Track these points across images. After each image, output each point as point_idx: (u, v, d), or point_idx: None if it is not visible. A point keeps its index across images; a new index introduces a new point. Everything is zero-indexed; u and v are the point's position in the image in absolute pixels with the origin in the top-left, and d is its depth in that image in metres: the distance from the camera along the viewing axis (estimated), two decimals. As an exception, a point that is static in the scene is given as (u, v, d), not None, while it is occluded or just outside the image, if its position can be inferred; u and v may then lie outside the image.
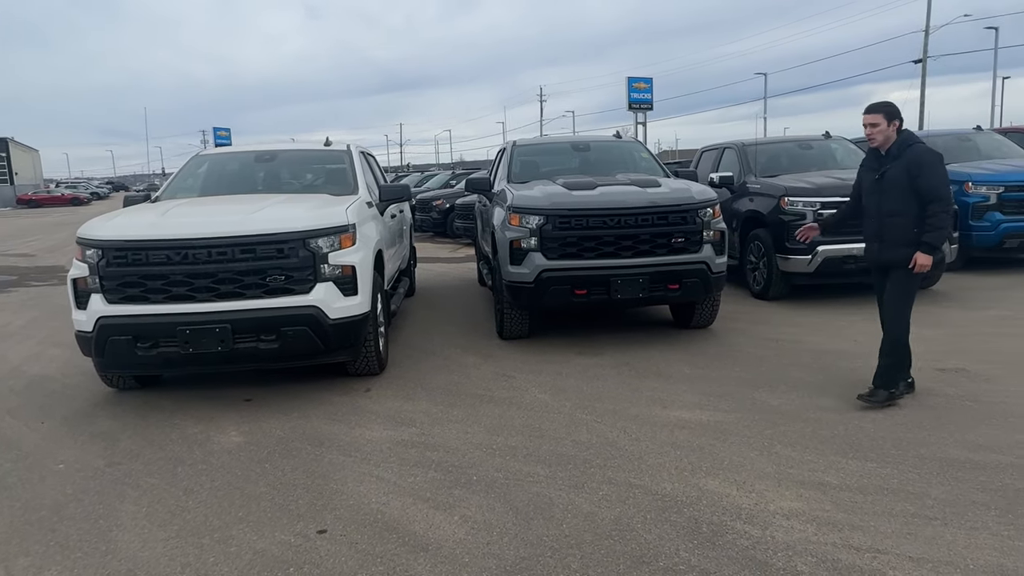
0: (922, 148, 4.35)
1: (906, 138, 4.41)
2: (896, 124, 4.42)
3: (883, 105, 4.47)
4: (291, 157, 6.65)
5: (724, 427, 4.22)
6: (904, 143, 4.39)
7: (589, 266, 5.94)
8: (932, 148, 4.41)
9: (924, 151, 4.33)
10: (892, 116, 4.41)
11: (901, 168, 4.36)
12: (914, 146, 4.35)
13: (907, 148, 4.37)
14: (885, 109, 4.43)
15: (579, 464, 3.77)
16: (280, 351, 4.83)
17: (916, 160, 4.31)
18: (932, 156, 4.34)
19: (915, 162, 4.32)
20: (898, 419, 4.24)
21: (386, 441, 4.22)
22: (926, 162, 4.31)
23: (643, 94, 42.72)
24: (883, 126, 4.41)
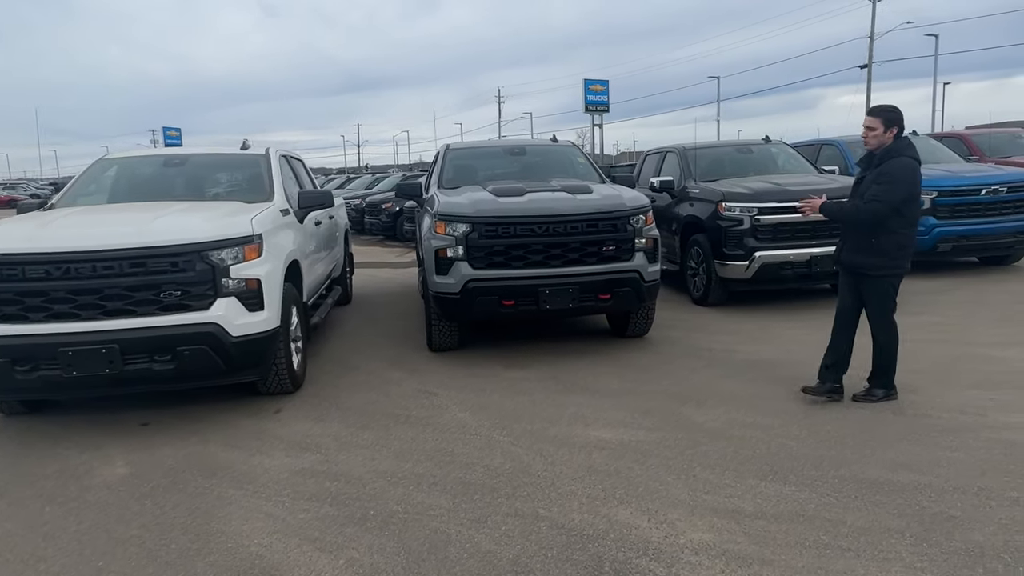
0: (902, 162, 4.28)
1: (894, 147, 4.34)
2: (894, 131, 4.35)
3: (884, 110, 4.41)
4: (203, 162, 6.27)
5: (645, 448, 4.03)
6: (890, 152, 4.33)
7: (517, 276, 5.72)
8: (912, 166, 4.31)
9: (901, 165, 4.27)
10: (891, 123, 4.35)
11: (874, 175, 4.36)
12: (897, 158, 4.29)
13: (889, 158, 4.32)
14: (885, 115, 4.36)
15: (486, 494, 3.53)
16: (177, 372, 4.48)
17: (887, 169, 4.29)
18: (903, 172, 4.28)
19: (885, 171, 4.29)
20: (821, 435, 4.11)
21: (285, 470, 3.91)
22: (889, 172, 4.28)
23: (599, 96, 42.84)
24: (879, 131, 4.35)
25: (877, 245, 4.40)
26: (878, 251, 4.40)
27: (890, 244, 4.38)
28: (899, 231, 4.40)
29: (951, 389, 4.84)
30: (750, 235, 7.47)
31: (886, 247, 4.39)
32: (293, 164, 7.12)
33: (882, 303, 4.56)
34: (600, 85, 43.11)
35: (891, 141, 4.40)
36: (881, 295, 4.54)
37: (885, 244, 4.39)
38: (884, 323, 4.61)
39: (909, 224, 4.46)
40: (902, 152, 4.34)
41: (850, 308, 4.77)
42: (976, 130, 16.59)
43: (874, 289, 4.55)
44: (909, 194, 4.36)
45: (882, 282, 4.51)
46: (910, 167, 4.32)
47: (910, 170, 4.32)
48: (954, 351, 5.77)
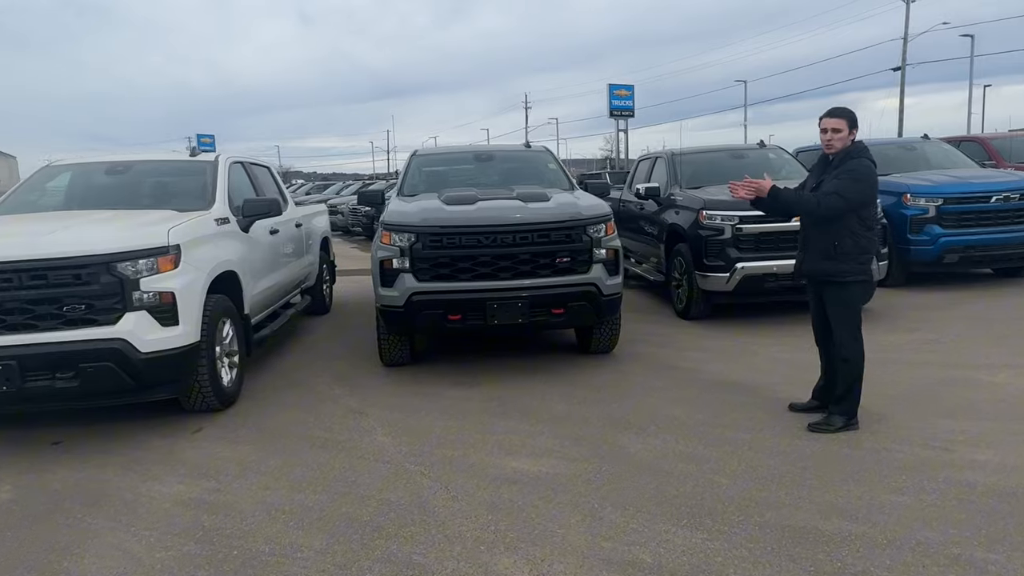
0: (862, 163, 4.07)
1: (855, 149, 4.13)
2: (855, 133, 4.16)
3: (848, 111, 4.19)
4: (147, 169, 6.09)
5: (561, 481, 3.67)
6: (850, 154, 4.12)
7: (463, 289, 5.39)
8: (873, 169, 4.11)
9: (861, 165, 4.05)
10: (854, 124, 4.16)
11: (837, 174, 4.09)
12: (857, 159, 4.08)
13: (849, 159, 4.10)
14: (850, 116, 4.16)
15: (368, 533, 3.21)
16: (82, 390, 4.27)
17: (852, 167, 4.05)
18: (868, 173, 4.07)
19: (850, 168, 4.05)
20: (760, 471, 3.70)
21: (171, 500, 3.65)
22: (855, 170, 4.04)
23: (625, 101, 42.39)
24: (844, 132, 4.13)
25: (841, 248, 4.09)
26: (842, 255, 4.10)
27: (854, 248, 4.09)
28: (860, 234, 4.11)
29: (923, 418, 4.38)
30: (731, 245, 7.04)
31: (850, 251, 4.09)
32: (253, 171, 6.91)
33: (848, 312, 4.21)
34: (625, 90, 42.67)
35: (851, 143, 4.15)
36: (847, 303, 4.20)
37: (849, 247, 4.08)
38: (849, 336, 4.20)
39: (868, 228, 4.17)
40: (862, 154, 4.11)
41: (825, 323, 4.41)
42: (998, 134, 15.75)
43: (839, 297, 4.20)
44: (870, 197, 4.13)
45: (848, 289, 4.18)
46: (872, 170, 4.11)
47: (872, 173, 4.10)
48: (939, 373, 5.28)
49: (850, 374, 4.21)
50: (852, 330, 4.21)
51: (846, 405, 4.24)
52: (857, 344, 4.22)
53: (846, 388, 4.23)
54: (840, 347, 4.24)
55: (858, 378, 4.22)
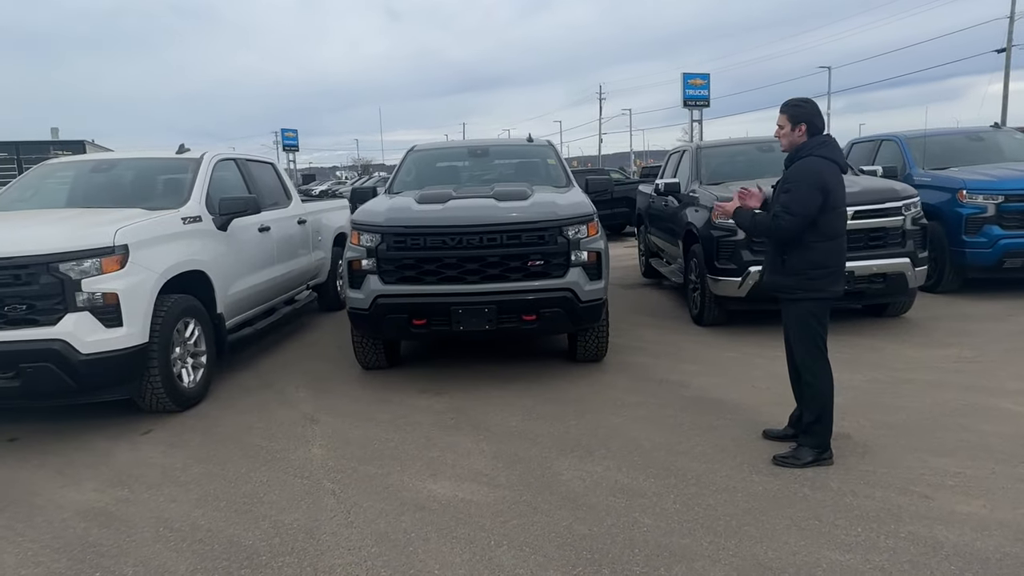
0: (806, 163, 3.63)
1: (804, 147, 3.70)
2: (803, 128, 3.70)
3: (791, 106, 3.76)
4: (131, 166, 6.11)
5: (471, 511, 3.36)
6: (799, 153, 3.71)
7: (428, 292, 5.13)
8: (816, 167, 3.61)
9: (804, 167, 3.62)
10: (797, 119, 3.71)
11: (782, 182, 3.77)
12: (804, 159, 3.66)
13: (798, 159, 3.70)
14: (791, 110, 3.74)
15: (240, 560, 3.01)
16: (23, 390, 4.28)
17: (790, 174, 3.70)
18: (805, 173, 3.61)
19: (788, 176, 3.71)
20: (694, 512, 3.25)
21: (74, 508, 3.57)
22: (795, 176, 3.66)
23: (699, 90, 40.94)
24: (787, 129, 3.74)
25: (789, 263, 3.72)
26: (790, 270, 3.72)
27: (802, 262, 3.67)
28: (814, 246, 3.64)
29: (916, 453, 3.79)
30: (744, 247, 6.45)
31: (797, 265, 3.68)
32: (248, 169, 6.86)
33: (802, 332, 3.76)
34: (700, 79, 41.20)
35: (803, 140, 3.69)
36: (799, 322, 3.77)
37: (796, 262, 3.68)
38: (808, 358, 3.76)
39: (826, 237, 3.66)
40: (811, 151, 3.65)
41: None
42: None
43: (790, 314, 3.82)
44: (821, 201, 3.57)
45: (798, 306, 3.74)
46: (813, 169, 3.59)
47: (814, 172, 3.58)
48: (958, 399, 4.60)
49: (814, 400, 3.72)
50: (810, 350, 3.74)
51: (815, 437, 3.73)
52: (818, 365, 3.74)
53: (814, 417, 3.73)
54: (801, 369, 3.80)
55: (825, 405, 3.72)
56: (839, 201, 3.67)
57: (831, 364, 3.81)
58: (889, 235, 6.38)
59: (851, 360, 5.61)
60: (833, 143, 3.74)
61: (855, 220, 6.25)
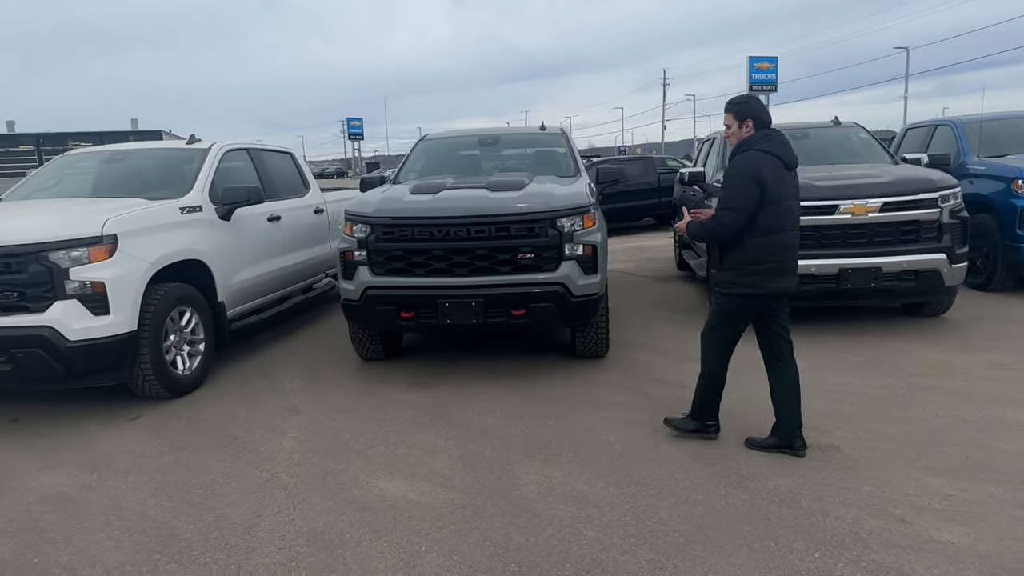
0: (741, 158, 3.60)
1: (743, 143, 3.66)
2: (749, 124, 3.66)
3: (734, 103, 3.76)
4: (142, 157, 6.26)
5: (413, 514, 3.25)
6: (739, 148, 3.67)
7: (415, 285, 5.04)
8: (749, 160, 3.54)
9: (738, 160, 3.60)
10: (742, 116, 3.68)
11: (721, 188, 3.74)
12: (742, 154, 3.62)
13: (735, 151, 3.68)
14: (735, 108, 3.72)
15: (173, 552, 2.99)
16: (15, 374, 4.43)
17: (728, 168, 3.68)
18: (738, 167, 3.58)
19: (727, 170, 3.68)
20: (645, 526, 3.05)
21: (40, 493, 3.65)
22: (729, 171, 3.64)
23: (766, 75, 39.44)
24: (734, 127, 3.72)
25: (726, 258, 3.71)
26: (726, 265, 3.72)
27: (738, 257, 3.63)
28: (750, 241, 3.57)
29: (910, 470, 3.46)
30: (762, 241, 6.08)
31: (734, 260, 3.66)
32: (261, 159, 6.93)
33: (716, 322, 3.82)
34: (767, 63, 39.71)
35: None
36: (718, 311, 3.82)
37: (732, 257, 3.66)
38: (708, 345, 3.85)
39: (764, 232, 3.55)
40: (751, 146, 3.58)
41: (766, 344, 3.86)
42: None
43: (715, 303, 3.87)
44: (758, 194, 3.48)
45: (726, 299, 3.76)
46: (748, 162, 3.52)
47: (748, 166, 3.51)
48: (974, 411, 4.20)
49: (701, 386, 3.90)
50: (715, 341, 3.82)
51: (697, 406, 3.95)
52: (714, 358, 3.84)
53: (698, 397, 3.92)
54: (702, 351, 3.89)
55: (708, 392, 3.88)
56: (779, 195, 3.53)
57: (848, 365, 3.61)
58: (923, 229, 5.89)
59: (868, 363, 5.23)
60: (777, 137, 3.60)
61: (884, 212, 5.82)
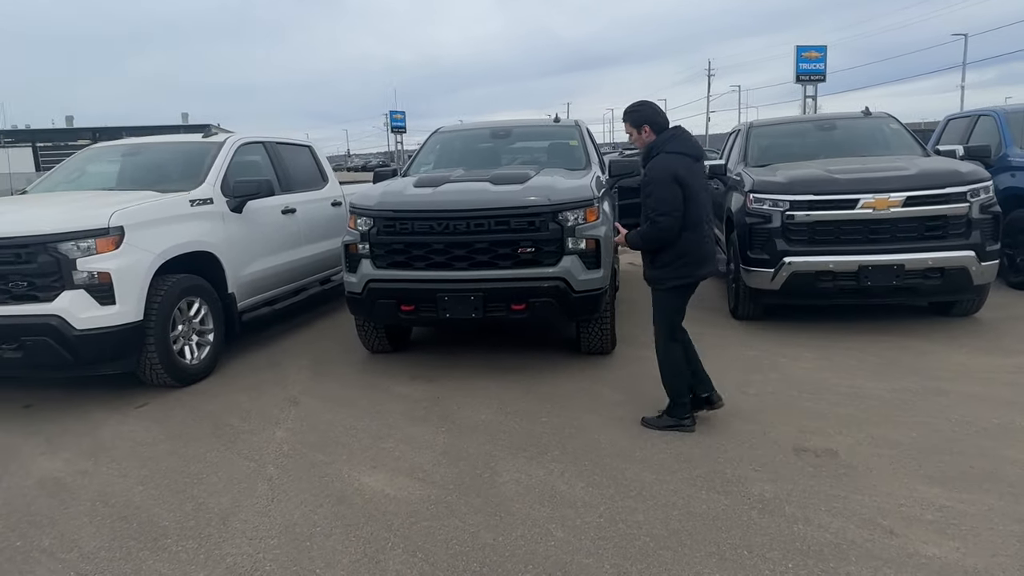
0: (655, 162, 3.84)
1: (652, 146, 3.91)
2: (647, 129, 3.93)
3: (627, 112, 4.01)
4: (159, 151, 6.39)
5: (388, 509, 3.24)
6: (649, 153, 3.91)
7: (415, 278, 5.03)
8: (662, 163, 3.80)
9: (653, 167, 3.84)
10: (638, 123, 3.95)
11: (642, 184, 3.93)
12: (654, 159, 3.86)
13: (650, 158, 3.90)
14: (629, 117, 3.99)
15: (143, 541, 3.05)
16: (25, 362, 4.58)
17: (646, 176, 3.89)
18: (655, 172, 3.81)
19: (646, 179, 3.89)
20: (617, 529, 2.97)
21: (35, 477, 3.77)
22: (649, 180, 3.85)
23: (814, 64, 38.55)
24: (635, 135, 3.99)
25: (657, 258, 3.91)
26: (659, 263, 3.92)
27: (670, 255, 3.85)
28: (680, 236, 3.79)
29: (908, 479, 3.30)
30: (779, 235, 5.89)
31: (665, 258, 3.87)
32: (278, 152, 7.01)
33: (661, 316, 4.04)
34: (816, 52, 38.73)
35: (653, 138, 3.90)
36: (660, 307, 4.04)
37: (664, 256, 3.87)
38: (661, 340, 4.04)
39: (691, 226, 3.79)
40: (660, 149, 3.83)
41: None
42: None
43: (655, 300, 4.07)
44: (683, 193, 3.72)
45: (665, 294, 4.00)
46: (662, 166, 3.76)
47: (664, 170, 3.75)
48: (992, 417, 3.98)
49: (666, 379, 4.07)
50: (665, 332, 4.02)
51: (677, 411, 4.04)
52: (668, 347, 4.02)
53: (671, 395, 4.06)
54: (657, 350, 4.09)
55: (674, 383, 4.03)
56: (696, 189, 3.78)
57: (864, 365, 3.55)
58: (950, 224, 5.60)
59: (885, 364, 5.01)
60: (680, 135, 3.85)
61: (908, 207, 5.57)
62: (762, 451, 3.67)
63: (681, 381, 4.02)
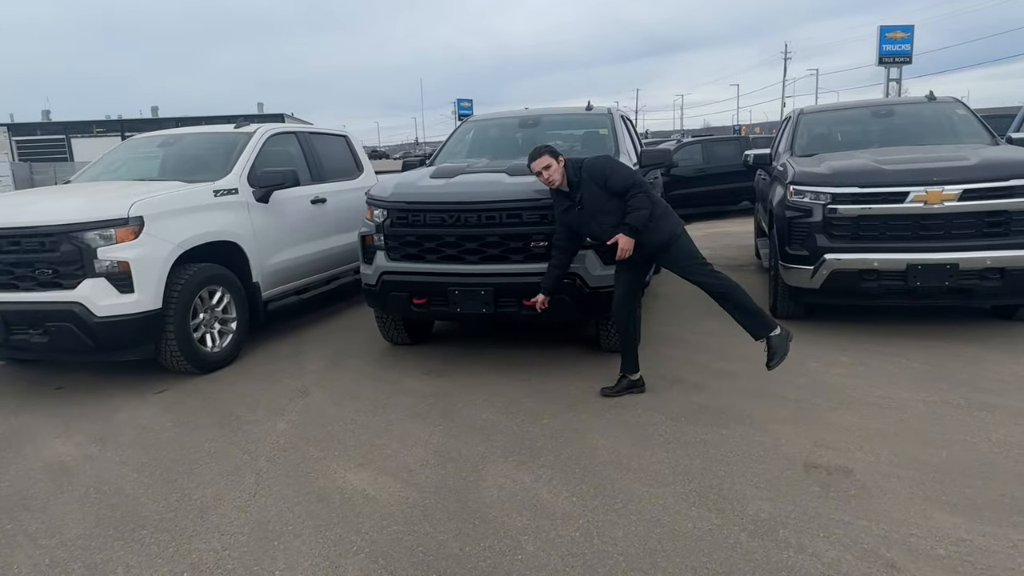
0: (591, 161, 4.31)
1: (574, 164, 4.32)
2: (561, 159, 4.33)
3: (540, 149, 4.33)
4: (192, 141, 6.50)
5: (364, 511, 3.17)
6: (576, 169, 4.30)
7: (427, 271, 4.94)
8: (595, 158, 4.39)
9: (594, 163, 4.30)
10: (556, 152, 4.33)
11: (590, 188, 4.24)
12: (584, 164, 4.30)
13: (580, 169, 4.29)
14: (548, 150, 4.32)
15: (122, 530, 3.08)
16: (51, 346, 4.75)
17: (594, 171, 4.25)
18: (603, 159, 4.37)
19: (596, 173, 4.24)
20: (620, 547, 2.80)
21: (44, 459, 3.89)
22: (602, 166, 4.28)
23: (899, 45, 36.54)
24: (556, 165, 4.28)
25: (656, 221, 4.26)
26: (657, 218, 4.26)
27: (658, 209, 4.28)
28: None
29: (927, 505, 2.98)
30: (820, 231, 5.50)
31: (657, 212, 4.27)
32: (310, 143, 7.05)
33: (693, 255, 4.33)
34: (902, 32, 36.69)
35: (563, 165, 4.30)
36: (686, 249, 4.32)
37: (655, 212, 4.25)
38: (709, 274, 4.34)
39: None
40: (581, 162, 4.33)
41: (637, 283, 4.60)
42: None
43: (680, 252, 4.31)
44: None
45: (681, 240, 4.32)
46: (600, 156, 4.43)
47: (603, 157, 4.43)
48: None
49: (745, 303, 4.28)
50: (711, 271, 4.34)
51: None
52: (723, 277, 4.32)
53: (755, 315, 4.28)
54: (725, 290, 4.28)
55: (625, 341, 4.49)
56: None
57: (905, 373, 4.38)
58: (1013, 220, 5.08)
59: (930, 373, 4.61)
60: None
61: (963, 201, 5.08)
62: (768, 465, 3.40)
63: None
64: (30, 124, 46.35)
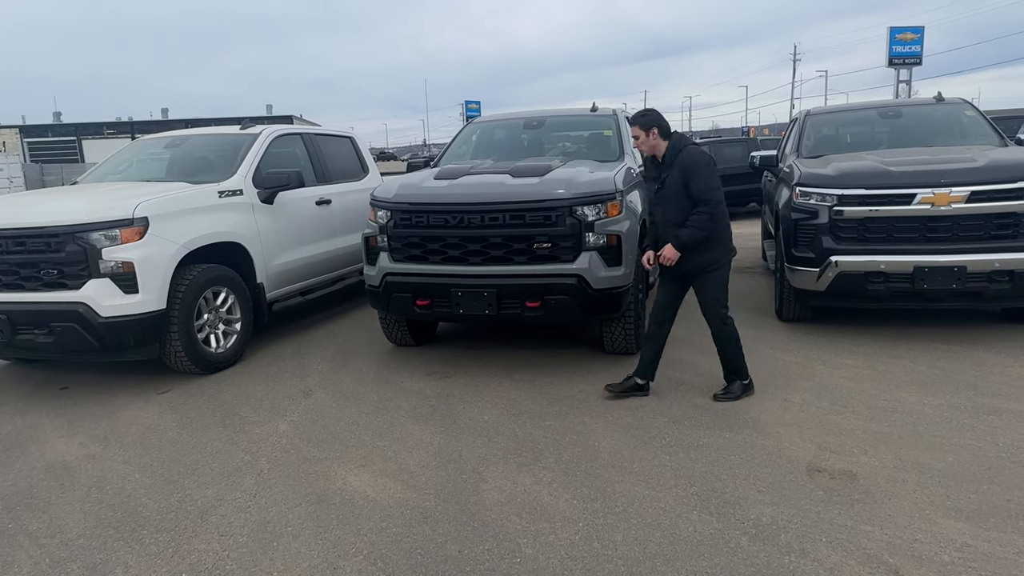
0: (692, 151, 4.19)
1: (677, 142, 4.23)
2: (655, 132, 4.20)
3: (638, 116, 4.29)
4: (198, 143, 6.52)
5: (364, 513, 3.16)
6: (676, 147, 4.21)
7: (430, 273, 4.94)
8: (698, 151, 4.21)
9: (693, 155, 4.17)
10: (648, 126, 4.22)
11: (676, 174, 4.18)
12: (685, 150, 4.19)
13: (679, 153, 4.19)
14: (640, 121, 4.25)
15: (121, 531, 3.08)
16: (56, 346, 4.78)
17: (687, 164, 4.15)
18: (701, 158, 4.18)
19: (686, 165, 4.14)
20: (618, 551, 2.78)
21: (47, 459, 3.91)
22: (694, 164, 4.14)
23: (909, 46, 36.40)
24: (643, 138, 4.24)
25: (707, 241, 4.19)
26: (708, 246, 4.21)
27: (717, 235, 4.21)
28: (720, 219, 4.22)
29: (931, 510, 2.95)
30: (826, 232, 5.45)
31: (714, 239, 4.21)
32: (316, 144, 7.06)
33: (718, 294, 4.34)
34: (912, 33, 36.54)
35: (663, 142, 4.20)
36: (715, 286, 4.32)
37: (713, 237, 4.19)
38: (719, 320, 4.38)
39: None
40: (685, 144, 4.23)
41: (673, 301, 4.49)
42: None
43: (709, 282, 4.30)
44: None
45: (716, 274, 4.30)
46: (701, 154, 4.18)
47: (702, 154, 4.18)
48: (1045, 444, 3.52)
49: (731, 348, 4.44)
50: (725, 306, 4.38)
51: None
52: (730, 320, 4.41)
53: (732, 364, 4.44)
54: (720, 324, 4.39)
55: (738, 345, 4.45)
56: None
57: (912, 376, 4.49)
58: (1022, 222, 5.03)
59: (937, 376, 4.57)
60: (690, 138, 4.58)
61: (971, 203, 5.03)
62: (772, 469, 3.37)
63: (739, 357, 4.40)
64: (41, 126, 46.84)
